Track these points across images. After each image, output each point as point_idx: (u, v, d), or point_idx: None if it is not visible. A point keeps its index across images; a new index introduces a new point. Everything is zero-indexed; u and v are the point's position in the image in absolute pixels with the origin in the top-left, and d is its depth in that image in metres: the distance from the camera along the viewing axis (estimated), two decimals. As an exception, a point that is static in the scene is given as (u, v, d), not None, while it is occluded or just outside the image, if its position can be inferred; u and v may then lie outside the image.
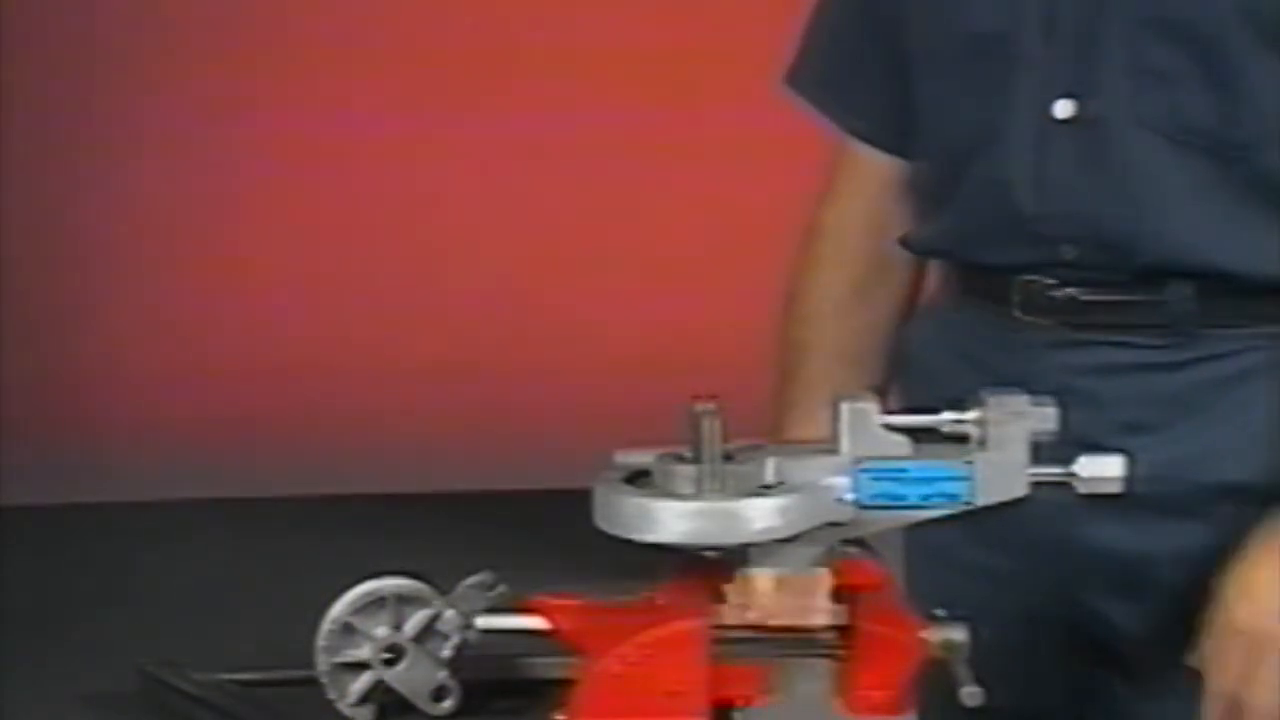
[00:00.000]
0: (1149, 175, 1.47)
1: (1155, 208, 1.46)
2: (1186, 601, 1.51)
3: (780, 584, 1.24)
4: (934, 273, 1.68)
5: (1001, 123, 1.52)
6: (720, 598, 1.25)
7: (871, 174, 1.67)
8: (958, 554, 1.58)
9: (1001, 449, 1.26)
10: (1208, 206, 1.45)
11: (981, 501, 1.26)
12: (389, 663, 1.29)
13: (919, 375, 1.64)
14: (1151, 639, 1.53)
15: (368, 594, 1.29)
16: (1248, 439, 1.50)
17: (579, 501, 1.26)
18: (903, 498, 1.25)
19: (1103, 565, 1.53)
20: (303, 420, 5.11)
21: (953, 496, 1.25)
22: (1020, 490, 1.26)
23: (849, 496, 1.24)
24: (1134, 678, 1.54)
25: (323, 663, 1.29)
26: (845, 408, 1.26)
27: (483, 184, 5.36)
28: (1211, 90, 1.45)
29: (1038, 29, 1.49)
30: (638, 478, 1.24)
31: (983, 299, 1.56)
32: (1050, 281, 1.51)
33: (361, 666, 1.29)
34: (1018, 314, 1.53)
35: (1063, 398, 1.32)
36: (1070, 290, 1.50)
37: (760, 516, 1.19)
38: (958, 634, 1.24)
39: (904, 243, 1.66)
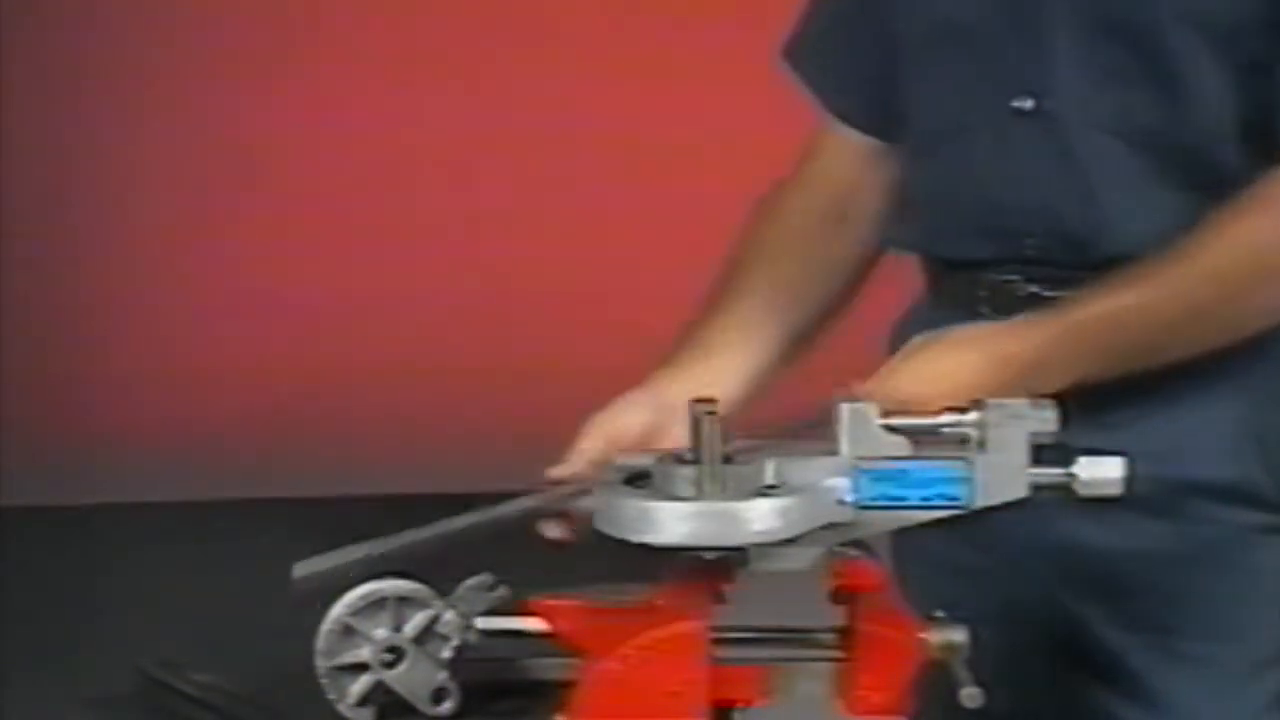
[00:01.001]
0: (1102, 171, 1.48)
1: (1108, 202, 1.48)
2: (1154, 601, 1.51)
3: None
4: (918, 275, 1.66)
5: (968, 113, 1.54)
6: (720, 599, 1.25)
7: (848, 150, 1.67)
8: (942, 554, 1.57)
9: (1001, 451, 1.26)
10: (1159, 202, 1.46)
11: (981, 503, 1.26)
12: (389, 664, 1.29)
13: None
14: (1124, 641, 1.53)
15: (367, 595, 1.29)
16: (1215, 435, 1.51)
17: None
18: (903, 499, 1.25)
19: (1075, 563, 1.53)
20: (303, 422, 5.11)
21: (953, 498, 1.25)
22: (1020, 492, 1.27)
23: (849, 498, 1.24)
24: (1113, 682, 1.54)
25: (322, 664, 1.29)
26: (845, 409, 1.26)
27: (482, 187, 5.36)
28: (1157, 89, 1.46)
29: (1000, 20, 1.51)
30: (638, 479, 1.24)
31: (955, 300, 1.57)
32: (1015, 279, 1.52)
33: (361, 668, 1.29)
34: (985, 311, 1.53)
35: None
36: (1033, 288, 1.51)
37: (760, 518, 1.19)
38: (957, 635, 1.24)
39: (884, 241, 1.67)
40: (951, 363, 1.36)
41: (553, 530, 1.35)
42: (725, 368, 1.54)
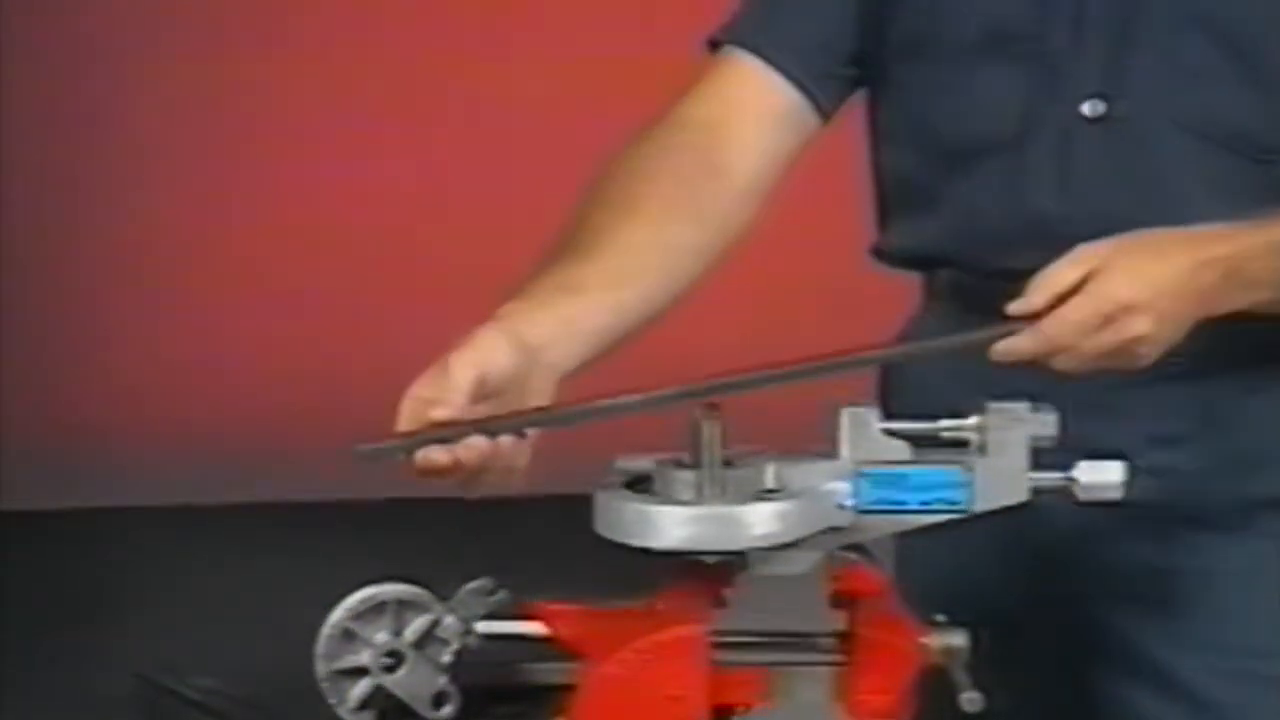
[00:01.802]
0: (1179, 175, 1.44)
1: (1184, 209, 1.40)
2: (1213, 618, 1.49)
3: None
4: (922, 287, 1.62)
5: (1024, 120, 1.48)
6: (720, 603, 1.25)
7: (751, 103, 1.56)
8: (973, 569, 1.55)
9: (1001, 455, 1.26)
10: (1238, 209, 1.39)
11: (981, 507, 1.26)
12: (389, 668, 1.29)
13: (914, 397, 1.50)
14: (1177, 657, 1.51)
15: (368, 599, 1.29)
16: (1278, 448, 1.48)
17: (580, 507, 1.26)
18: (903, 503, 1.25)
19: (1130, 583, 1.51)
20: (303, 425, 5.11)
21: (952, 502, 1.25)
22: (1020, 496, 1.26)
23: (849, 502, 1.24)
24: (1159, 689, 1.52)
25: (322, 668, 1.29)
26: (845, 413, 1.26)
27: (486, 188, 5.36)
28: (1250, 91, 1.43)
29: (1065, 25, 1.46)
30: (639, 483, 1.24)
31: (987, 311, 1.40)
32: None
33: (361, 672, 1.29)
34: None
35: (1083, 413, 1.31)
36: None
37: (760, 522, 1.19)
38: (957, 639, 1.24)
39: (883, 252, 1.61)
40: (1162, 266, 1.30)
41: (440, 456, 1.24)
42: (587, 311, 1.38)
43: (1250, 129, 1.44)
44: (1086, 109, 1.46)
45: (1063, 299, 1.29)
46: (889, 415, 1.27)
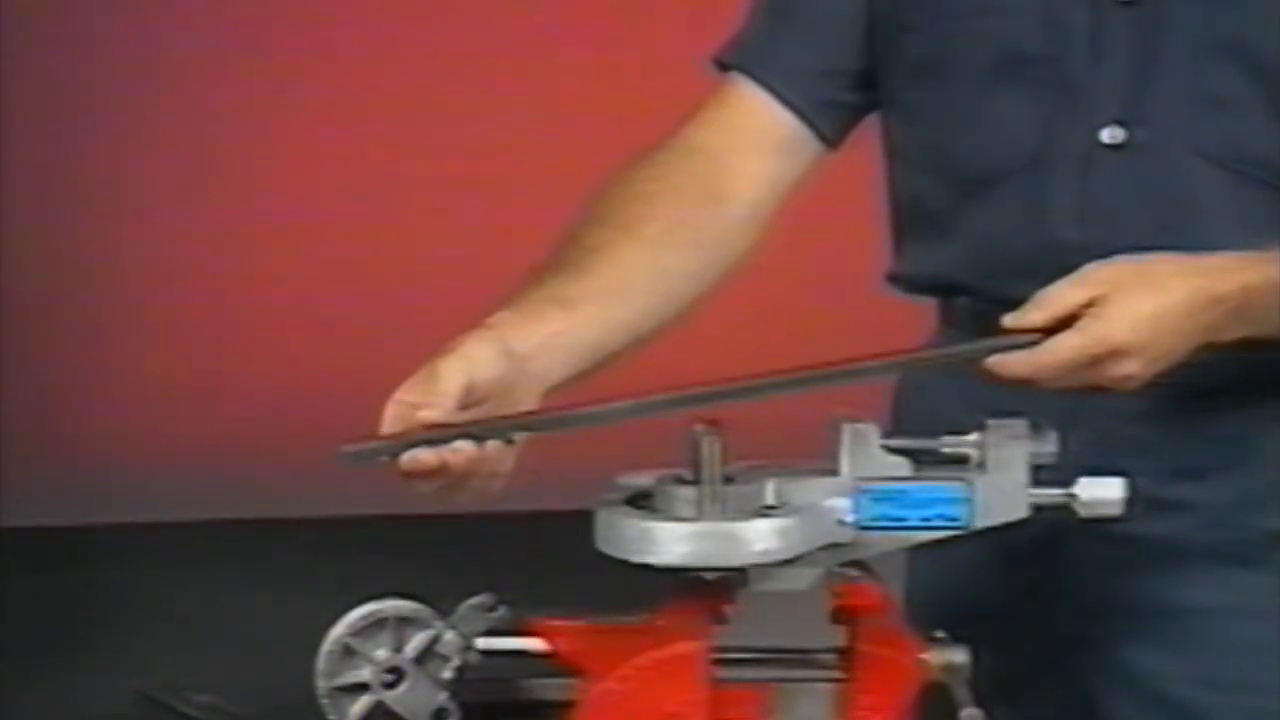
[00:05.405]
0: (1201, 205, 1.42)
1: (1206, 238, 1.38)
2: (1229, 652, 1.48)
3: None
4: (938, 313, 1.59)
5: (1042, 147, 1.46)
6: (721, 619, 1.25)
7: (751, 128, 1.55)
8: (982, 596, 1.54)
9: (1001, 471, 1.26)
10: (1261, 237, 1.36)
11: (981, 523, 1.26)
12: (389, 685, 1.29)
13: (924, 428, 1.42)
14: (1203, 698, 1.48)
15: (368, 616, 1.29)
16: None
17: (581, 523, 1.26)
18: (903, 519, 1.25)
19: (1142, 615, 1.49)
20: (304, 441, 5.10)
21: (952, 518, 1.25)
22: (1020, 512, 1.26)
23: (849, 518, 1.24)
24: (1154, 714, 1.51)
25: (322, 685, 1.29)
26: (846, 429, 1.26)
27: (481, 208, 5.37)
28: (1274, 118, 1.41)
29: (1083, 49, 1.44)
30: (639, 499, 1.24)
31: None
32: None
33: (361, 688, 1.29)
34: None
35: (1107, 446, 1.29)
36: None
37: (760, 538, 1.19)
38: (958, 656, 1.24)
39: (899, 278, 1.59)
40: (1166, 304, 1.28)
41: (428, 457, 1.23)
42: (576, 326, 1.38)
43: (1274, 157, 1.42)
44: (1106, 136, 1.44)
45: (1061, 321, 1.28)
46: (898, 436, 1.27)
